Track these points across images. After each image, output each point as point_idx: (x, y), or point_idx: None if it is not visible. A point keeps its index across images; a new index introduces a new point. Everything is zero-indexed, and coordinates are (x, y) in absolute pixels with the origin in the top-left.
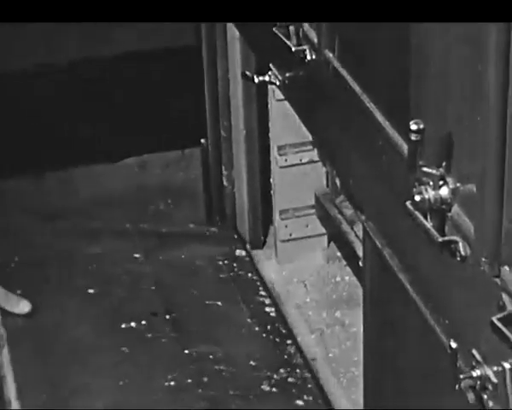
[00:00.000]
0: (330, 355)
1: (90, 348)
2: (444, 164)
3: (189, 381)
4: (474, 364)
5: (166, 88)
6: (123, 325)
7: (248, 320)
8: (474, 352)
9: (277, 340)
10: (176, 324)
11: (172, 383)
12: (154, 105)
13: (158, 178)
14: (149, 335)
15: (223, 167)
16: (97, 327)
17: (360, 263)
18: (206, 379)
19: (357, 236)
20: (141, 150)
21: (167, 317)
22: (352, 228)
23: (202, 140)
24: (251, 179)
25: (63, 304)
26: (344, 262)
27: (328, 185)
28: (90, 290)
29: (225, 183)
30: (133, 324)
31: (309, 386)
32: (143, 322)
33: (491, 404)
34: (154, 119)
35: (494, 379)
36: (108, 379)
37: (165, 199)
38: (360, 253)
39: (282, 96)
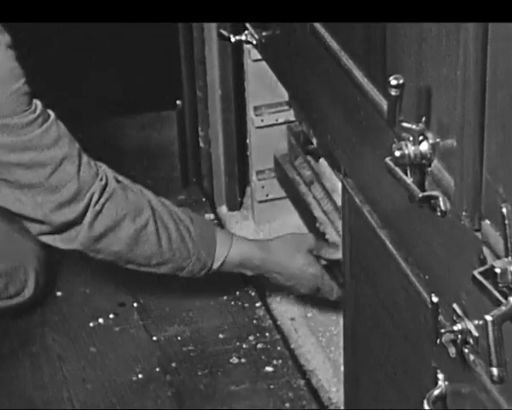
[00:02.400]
0: (309, 315)
1: (57, 357)
2: (423, 119)
3: (157, 369)
4: (455, 318)
5: (141, 49)
6: (91, 324)
7: (216, 290)
8: (455, 306)
9: (246, 305)
10: (143, 311)
11: (140, 375)
12: (128, 67)
13: (133, 140)
14: (117, 328)
15: (199, 128)
16: (64, 331)
17: (317, 224)
18: (174, 364)
19: (314, 197)
20: (116, 112)
21: (135, 305)
22: (310, 189)
23: (178, 101)
24: (227, 140)
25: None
26: None
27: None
28: (58, 293)
29: (201, 143)
30: (101, 320)
31: (278, 348)
32: (111, 316)
33: (472, 358)
34: (129, 80)
35: (475, 333)
36: (76, 386)
37: (141, 161)
38: (317, 214)
39: (257, 57)
